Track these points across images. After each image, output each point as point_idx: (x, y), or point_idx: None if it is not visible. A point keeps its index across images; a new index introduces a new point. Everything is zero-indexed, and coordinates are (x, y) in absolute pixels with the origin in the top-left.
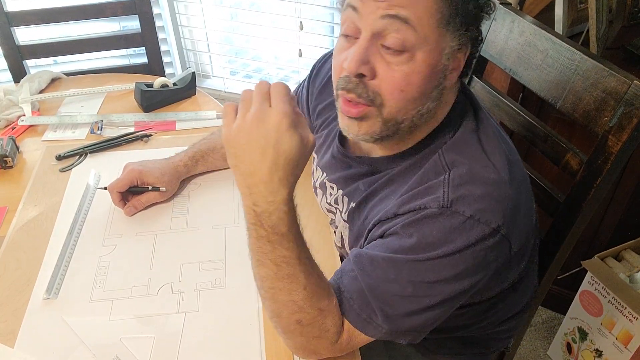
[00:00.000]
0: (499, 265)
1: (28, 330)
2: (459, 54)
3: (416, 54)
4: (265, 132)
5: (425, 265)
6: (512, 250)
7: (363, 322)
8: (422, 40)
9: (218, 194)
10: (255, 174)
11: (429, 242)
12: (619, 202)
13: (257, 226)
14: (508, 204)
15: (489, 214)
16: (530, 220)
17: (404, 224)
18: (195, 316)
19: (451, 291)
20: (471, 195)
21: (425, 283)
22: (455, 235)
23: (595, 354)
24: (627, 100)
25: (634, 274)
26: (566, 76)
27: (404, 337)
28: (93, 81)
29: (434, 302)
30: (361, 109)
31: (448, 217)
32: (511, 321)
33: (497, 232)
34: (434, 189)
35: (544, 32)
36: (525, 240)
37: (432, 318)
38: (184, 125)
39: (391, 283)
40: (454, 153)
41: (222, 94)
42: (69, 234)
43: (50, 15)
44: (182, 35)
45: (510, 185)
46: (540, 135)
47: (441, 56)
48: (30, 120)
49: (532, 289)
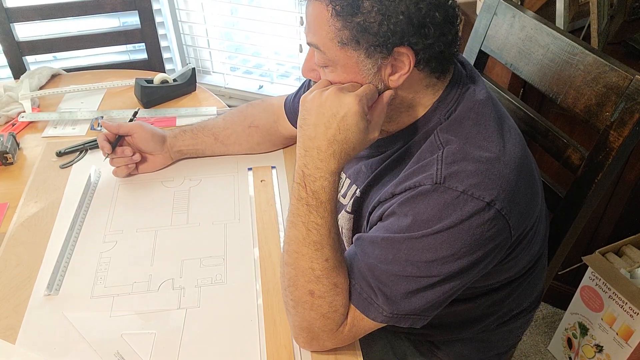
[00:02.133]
0: (499, 245)
1: (29, 326)
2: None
3: (337, 67)
4: (338, 106)
5: (422, 243)
6: (512, 231)
7: (364, 303)
8: (333, 59)
9: (219, 190)
10: (315, 139)
11: (424, 219)
12: (620, 198)
13: (300, 187)
14: (502, 182)
15: (481, 189)
16: (534, 206)
17: (400, 202)
18: (196, 312)
19: (449, 270)
20: (464, 172)
21: (423, 262)
22: (449, 211)
23: (596, 349)
24: (629, 95)
25: (635, 269)
26: (567, 71)
27: (404, 321)
28: (93, 77)
29: (433, 282)
30: None
31: (441, 193)
32: (524, 314)
33: (491, 207)
34: (428, 166)
35: (545, 27)
36: (529, 225)
37: (433, 300)
38: (184, 121)
39: (390, 263)
40: (448, 133)
41: (222, 90)
42: (69, 230)
43: (49, 11)
44: (182, 31)
45: (505, 165)
46: (541, 130)
47: (359, 67)
48: (31, 117)
49: (542, 283)
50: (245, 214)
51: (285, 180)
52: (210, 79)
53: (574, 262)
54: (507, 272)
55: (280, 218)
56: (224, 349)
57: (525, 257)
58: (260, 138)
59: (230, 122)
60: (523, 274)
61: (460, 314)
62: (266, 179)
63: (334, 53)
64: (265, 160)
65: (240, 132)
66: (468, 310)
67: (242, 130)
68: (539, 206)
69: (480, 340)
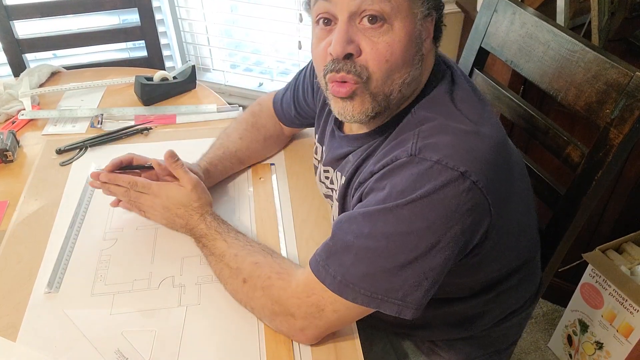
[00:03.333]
0: (477, 222)
1: (30, 324)
2: (428, 21)
3: (394, 23)
4: None
5: (397, 214)
6: (491, 208)
7: (339, 285)
8: (396, 9)
9: (218, 187)
10: None
11: (399, 190)
12: (621, 195)
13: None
14: (478, 155)
15: (456, 159)
16: (512, 191)
17: (378, 177)
18: (197, 310)
19: (426, 245)
20: (439, 143)
21: (399, 234)
22: (423, 181)
23: (596, 346)
24: (629, 92)
25: (635, 266)
26: (568, 68)
27: (387, 305)
28: (93, 75)
29: (410, 258)
30: (349, 87)
31: (416, 164)
32: (522, 311)
33: (466, 178)
34: (405, 142)
35: (545, 24)
36: (512, 210)
37: (413, 282)
38: (184, 118)
39: (366, 238)
40: (425, 110)
41: (222, 88)
42: (69, 227)
43: (49, 8)
44: (181, 29)
45: (482, 140)
46: (541, 127)
47: (415, 22)
48: (31, 115)
49: (536, 281)
50: (245, 211)
51: (285, 178)
52: (211, 76)
53: (574, 260)
54: (495, 263)
55: (279, 215)
56: (224, 346)
57: (514, 251)
58: (273, 146)
59: (249, 141)
60: (515, 271)
61: (457, 314)
62: (265, 176)
63: (400, 0)
64: None
65: (259, 147)
66: (464, 310)
67: (260, 145)
68: (520, 195)
69: (479, 338)
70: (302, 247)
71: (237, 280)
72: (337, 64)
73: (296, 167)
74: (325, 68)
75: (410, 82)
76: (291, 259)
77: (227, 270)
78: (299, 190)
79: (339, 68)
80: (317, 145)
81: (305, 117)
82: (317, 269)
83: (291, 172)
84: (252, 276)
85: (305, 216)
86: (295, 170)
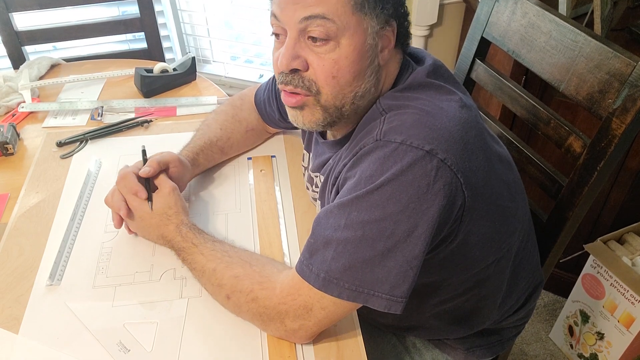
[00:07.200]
0: (451, 202)
1: (32, 316)
2: (386, 32)
3: (340, 41)
4: None
5: (369, 200)
6: (464, 189)
7: (324, 282)
8: (343, 28)
9: (219, 180)
10: None
11: (367, 175)
12: (622, 185)
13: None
14: (444, 133)
15: (420, 138)
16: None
17: (349, 167)
18: (198, 302)
19: (404, 231)
20: (403, 125)
21: (374, 221)
22: (389, 163)
23: (597, 337)
24: (632, 81)
25: (637, 257)
26: (570, 58)
27: (374, 300)
28: (93, 67)
29: (389, 245)
30: (299, 98)
31: (381, 148)
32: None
33: (433, 157)
34: (372, 130)
35: (547, 14)
36: (489, 191)
37: (395, 269)
38: (184, 110)
39: (344, 229)
40: (390, 99)
41: (222, 79)
42: (71, 220)
43: (48, 0)
44: (181, 20)
45: (449, 119)
46: (543, 118)
47: (365, 37)
48: (31, 107)
49: (536, 269)
50: (246, 204)
51: (286, 169)
52: (211, 68)
53: (575, 250)
54: (477, 250)
55: (280, 207)
56: (225, 338)
57: (496, 237)
58: (256, 138)
59: (230, 131)
60: (502, 259)
61: (454, 311)
62: (266, 168)
63: (346, 19)
64: (264, 150)
65: (240, 138)
66: (461, 308)
67: (241, 136)
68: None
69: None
70: (303, 240)
71: (220, 297)
72: (286, 77)
73: (297, 159)
74: (278, 77)
75: (363, 94)
76: (292, 251)
77: (210, 287)
78: (300, 182)
79: (287, 81)
80: (305, 153)
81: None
82: (301, 268)
83: (292, 164)
84: (234, 292)
85: (306, 208)
86: (296, 162)
